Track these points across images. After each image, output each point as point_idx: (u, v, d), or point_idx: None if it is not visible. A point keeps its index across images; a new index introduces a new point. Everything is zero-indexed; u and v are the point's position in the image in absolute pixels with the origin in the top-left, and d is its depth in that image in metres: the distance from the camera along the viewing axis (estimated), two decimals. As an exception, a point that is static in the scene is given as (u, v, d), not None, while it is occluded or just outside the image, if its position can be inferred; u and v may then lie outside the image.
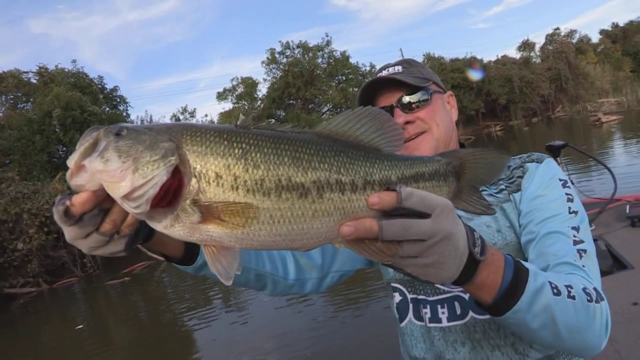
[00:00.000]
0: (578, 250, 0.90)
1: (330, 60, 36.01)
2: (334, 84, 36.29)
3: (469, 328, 1.03)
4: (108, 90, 22.70)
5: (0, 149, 17.29)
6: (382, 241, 0.57)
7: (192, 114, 26.10)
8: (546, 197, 1.00)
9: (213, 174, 0.56)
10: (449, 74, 40.66)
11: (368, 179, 0.60)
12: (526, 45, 49.49)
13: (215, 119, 34.09)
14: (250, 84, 35.99)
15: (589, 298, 0.79)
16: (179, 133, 0.58)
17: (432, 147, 1.08)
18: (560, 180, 1.02)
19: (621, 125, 20.29)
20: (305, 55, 35.30)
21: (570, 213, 0.96)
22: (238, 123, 0.60)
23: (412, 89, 1.10)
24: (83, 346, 7.36)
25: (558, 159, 4.11)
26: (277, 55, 35.40)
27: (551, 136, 26.41)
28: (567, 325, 0.76)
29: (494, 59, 46.59)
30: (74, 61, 25.44)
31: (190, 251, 0.85)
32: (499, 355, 1.01)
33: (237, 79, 36.17)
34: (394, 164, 0.63)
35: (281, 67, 35.28)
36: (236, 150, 0.57)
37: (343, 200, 0.59)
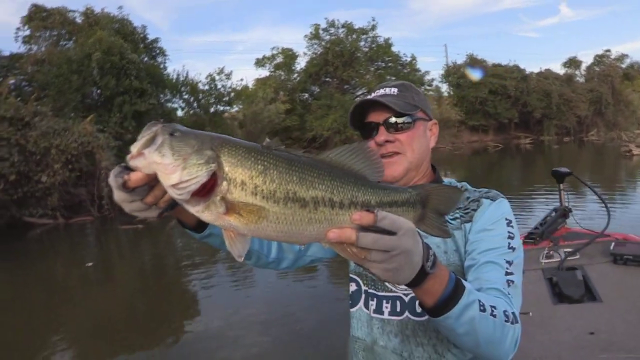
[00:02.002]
0: (507, 281, 1.07)
1: (373, 45, 35.73)
2: (372, 69, 36.01)
3: (402, 324, 1.22)
4: (149, 40, 22.90)
5: (39, 83, 17.68)
6: (357, 247, 0.72)
7: (228, 76, 26.12)
8: (492, 231, 1.16)
9: (240, 181, 0.71)
10: (488, 79, 40.10)
11: (353, 200, 0.75)
12: (572, 62, 48.15)
13: (250, 84, 34.34)
14: (289, 56, 35.95)
15: (506, 319, 0.96)
16: (219, 145, 0.73)
17: (404, 168, 1.24)
18: (507, 219, 1.18)
19: None
20: (349, 36, 35.10)
21: (508, 248, 1.13)
22: (264, 144, 0.77)
23: (399, 113, 1.24)
24: (90, 283, 7.76)
25: (561, 185, 4.21)
26: (320, 32, 35.29)
27: (580, 158, 25.95)
28: (484, 337, 0.92)
29: (536, 70, 45.70)
30: (120, 7, 25.74)
31: (202, 223, 1.04)
32: (420, 351, 1.20)
33: (278, 48, 36.16)
34: (375, 191, 0.78)
35: (323, 44, 35.17)
36: (259, 166, 0.72)
37: (332, 213, 0.74)
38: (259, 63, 36.57)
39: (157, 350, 4.78)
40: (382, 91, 1.30)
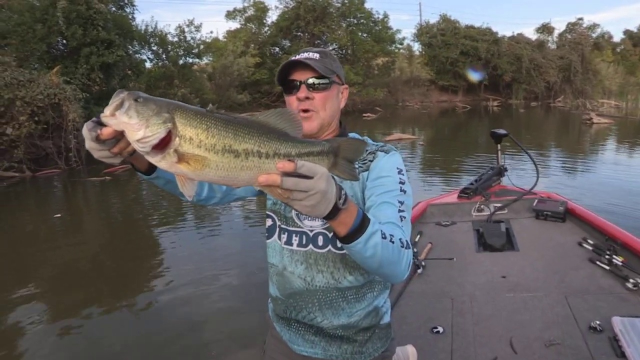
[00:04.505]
0: (400, 216, 1.27)
1: (345, 1, 35.29)
2: (344, 25, 35.71)
3: (307, 254, 1.46)
4: (117, -11, 22.06)
5: (-1, 30, 16.98)
6: (281, 188, 0.87)
7: (198, 29, 25.46)
8: (386, 178, 1.36)
9: (189, 137, 0.87)
10: (461, 40, 40.36)
11: (277, 152, 0.92)
12: (545, 29, 48.48)
13: (221, 37, 33.74)
14: (261, 9, 35.25)
15: (402, 245, 1.15)
16: (173, 109, 0.89)
17: (318, 125, 1.46)
18: (398, 168, 1.40)
19: (609, 130, 20.27)
20: (321, -9, 34.58)
21: (400, 191, 1.33)
22: (208, 109, 0.97)
23: (319, 75, 1.43)
24: (56, 234, 7.79)
25: (498, 145, 4.55)
26: (293, -15, 34.64)
27: (545, 123, 26.56)
28: (386, 259, 1.10)
29: (509, 34, 46.02)
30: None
31: (151, 168, 1.24)
32: (320, 277, 1.45)
33: (249, 0, 35.48)
34: (295, 144, 0.94)
35: (295, -3, 34.65)
36: (203, 125, 0.88)
37: (260, 162, 0.90)
38: (230, 15, 35.91)
39: (124, 300, 4.96)
40: (306, 54, 1.47)
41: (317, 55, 1.48)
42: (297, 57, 1.48)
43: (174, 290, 5.06)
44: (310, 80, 1.44)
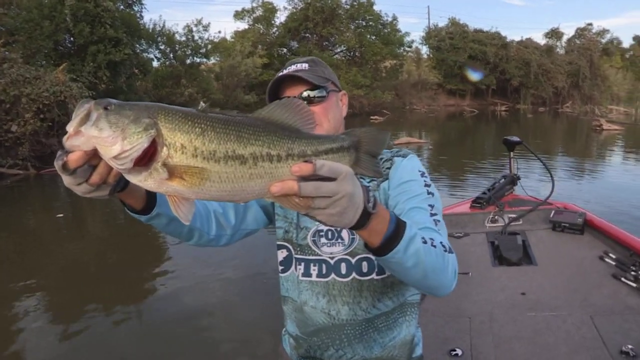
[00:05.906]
0: (434, 220, 1.14)
1: (354, 3, 35.26)
2: (352, 27, 35.67)
3: (329, 285, 1.31)
4: (125, -13, 22.04)
5: (6, 27, 16.86)
6: (300, 197, 0.74)
7: (206, 28, 25.39)
8: (409, 182, 1.24)
9: (180, 145, 0.71)
10: (469, 44, 40.22)
11: (289, 152, 0.77)
12: (554, 34, 48.19)
13: (229, 37, 33.72)
14: (269, 9, 35.27)
15: (444, 249, 1.01)
16: (156, 112, 0.73)
17: None
18: (420, 171, 1.28)
19: (620, 137, 19.98)
20: (330, -8, 34.55)
21: (427, 194, 1.21)
22: (199, 108, 0.80)
23: (313, 86, 1.29)
24: (61, 234, 7.75)
25: (511, 153, 4.37)
26: (302, -14, 34.62)
27: (553, 129, 26.35)
28: (431, 266, 0.96)
29: (517, 39, 45.84)
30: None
31: (147, 207, 1.04)
32: (346, 310, 1.30)
33: (258, 1, 35.47)
34: (310, 141, 0.79)
35: (304, -1, 34.63)
36: (197, 129, 0.72)
37: (271, 167, 0.75)
38: (238, 15, 35.90)
39: (127, 299, 4.88)
40: (294, 67, 1.33)
41: (306, 65, 1.34)
42: (286, 71, 1.34)
43: (175, 293, 4.92)
44: (305, 94, 1.30)
